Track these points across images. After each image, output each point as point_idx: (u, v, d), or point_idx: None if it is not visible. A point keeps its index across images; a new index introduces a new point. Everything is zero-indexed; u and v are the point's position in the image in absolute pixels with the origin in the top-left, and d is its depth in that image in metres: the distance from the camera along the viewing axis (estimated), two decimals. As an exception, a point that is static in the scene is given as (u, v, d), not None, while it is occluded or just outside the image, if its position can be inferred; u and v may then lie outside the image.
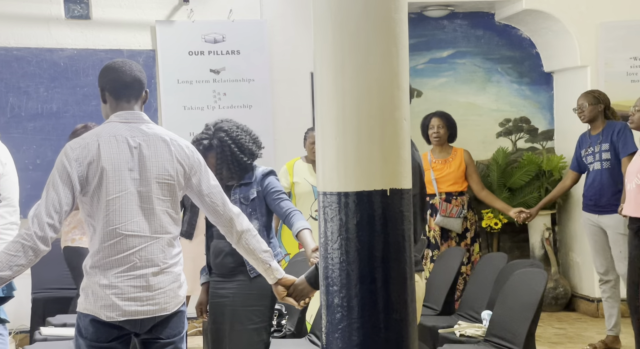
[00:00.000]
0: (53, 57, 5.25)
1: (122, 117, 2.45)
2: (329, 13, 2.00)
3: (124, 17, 5.36)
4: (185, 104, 5.43)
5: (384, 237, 1.98)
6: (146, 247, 2.39)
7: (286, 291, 2.62)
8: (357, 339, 1.98)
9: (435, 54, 6.18)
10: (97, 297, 2.35)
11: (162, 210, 2.42)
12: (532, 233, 5.97)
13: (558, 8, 5.66)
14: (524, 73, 6.24)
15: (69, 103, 5.28)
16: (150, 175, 2.40)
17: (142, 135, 2.43)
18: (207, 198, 2.51)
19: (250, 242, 2.57)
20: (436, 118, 5.17)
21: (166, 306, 2.42)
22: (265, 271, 2.61)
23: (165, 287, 2.41)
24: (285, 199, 3.10)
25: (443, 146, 5.14)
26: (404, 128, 2.02)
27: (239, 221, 2.56)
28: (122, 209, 2.36)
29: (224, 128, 3.10)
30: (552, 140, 6.25)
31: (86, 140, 2.39)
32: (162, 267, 2.41)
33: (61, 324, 4.13)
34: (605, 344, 4.72)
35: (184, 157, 2.48)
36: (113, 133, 2.41)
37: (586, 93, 4.84)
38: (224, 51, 5.48)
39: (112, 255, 2.36)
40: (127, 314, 2.36)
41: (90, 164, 2.35)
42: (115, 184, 2.36)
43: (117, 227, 2.36)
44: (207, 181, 2.52)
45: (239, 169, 3.09)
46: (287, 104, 5.50)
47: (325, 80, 2.03)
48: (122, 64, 2.49)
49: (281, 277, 2.62)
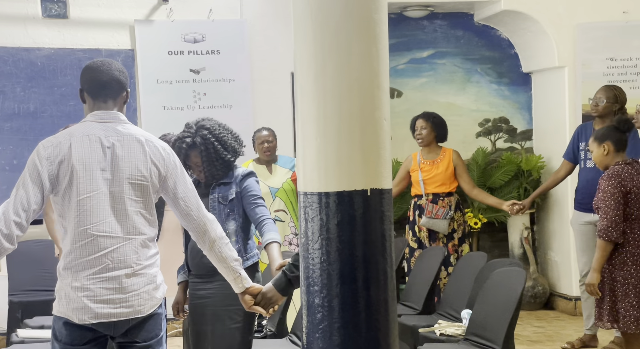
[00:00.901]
0: (30, 56, 5.19)
1: (97, 117, 2.43)
2: (309, 13, 2.00)
3: (102, 16, 5.32)
4: (165, 104, 5.40)
5: (364, 237, 1.98)
6: (118, 248, 2.36)
7: (253, 300, 2.60)
8: (338, 339, 1.98)
9: (415, 54, 6.20)
10: (70, 299, 2.33)
11: (135, 211, 2.39)
12: (511, 233, 6.01)
13: (536, 9, 5.71)
14: (503, 74, 6.29)
15: (46, 103, 5.22)
16: (123, 176, 2.38)
17: (116, 135, 2.41)
18: (181, 201, 2.48)
19: (223, 250, 2.54)
20: (420, 120, 5.15)
21: (140, 309, 2.39)
22: (234, 280, 2.59)
23: (139, 289, 2.38)
24: (261, 205, 3.08)
25: (430, 147, 5.12)
26: (384, 128, 2.03)
27: (213, 227, 2.53)
28: (93, 209, 2.33)
29: (206, 126, 3.09)
30: (530, 140, 6.31)
31: (58, 139, 2.37)
32: (136, 269, 2.38)
33: (39, 326, 4.08)
34: (582, 342, 4.76)
35: (159, 158, 2.45)
36: (86, 133, 2.38)
37: (607, 88, 4.67)
38: (203, 51, 5.45)
39: (83, 256, 2.33)
40: (99, 317, 2.33)
41: (61, 163, 2.32)
42: (86, 184, 2.33)
43: (88, 228, 2.33)
44: (183, 185, 2.49)
45: (223, 166, 3.08)
46: (267, 104, 5.49)
47: (305, 80, 2.03)
48: (101, 64, 2.47)
49: (249, 286, 2.60)
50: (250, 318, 3.07)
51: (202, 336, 3.06)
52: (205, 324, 3.05)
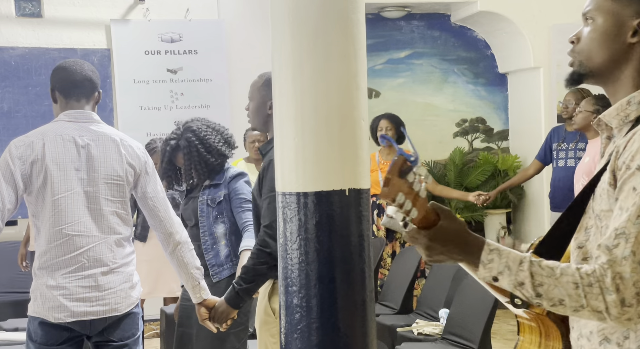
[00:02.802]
0: (3, 55, 5.12)
1: (70, 116, 2.41)
2: (287, 13, 2.00)
3: (78, 15, 5.26)
4: (142, 104, 5.35)
5: (343, 237, 1.98)
6: (94, 247, 2.35)
7: (208, 313, 2.55)
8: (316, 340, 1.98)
9: (393, 55, 6.22)
10: (45, 299, 2.31)
11: (111, 211, 2.39)
12: (488, 232, 6.06)
13: (512, 10, 5.77)
14: (480, 74, 6.34)
15: (20, 103, 5.15)
16: (98, 176, 2.37)
17: (90, 135, 2.39)
18: (150, 201, 2.48)
19: (185, 255, 2.52)
20: (385, 120, 5.20)
21: (117, 307, 2.38)
22: (192, 289, 2.56)
23: (115, 287, 2.37)
24: (247, 210, 3.02)
25: (391, 148, 5.17)
26: (362, 128, 2.03)
27: (178, 231, 2.52)
28: (68, 209, 2.32)
29: (192, 128, 3.07)
30: (507, 140, 6.36)
31: (30, 139, 2.35)
32: (112, 267, 2.37)
33: (13, 328, 4.03)
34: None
35: (134, 158, 2.45)
36: (59, 132, 2.36)
37: (576, 91, 4.48)
38: (181, 51, 5.42)
39: (59, 256, 2.32)
40: (75, 315, 2.31)
41: (34, 163, 2.30)
42: (61, 184, 2.32)
43: (63, 227, 2.32)
44: (153, 185, 2.49)
45: (206, 169, 3.05)
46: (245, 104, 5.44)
47: (283, 80, 2.02)
48: (73, 63, 2.45)
49: (206, 298, 2.57)
50: (240, 326, 2.99)
51: (185, 338, 3.04)
52: (190, 327, 3.03)
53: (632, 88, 1.30)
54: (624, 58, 1.30)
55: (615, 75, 1.32)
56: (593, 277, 1.18)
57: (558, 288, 1.20)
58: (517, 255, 1.25)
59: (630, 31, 1.30)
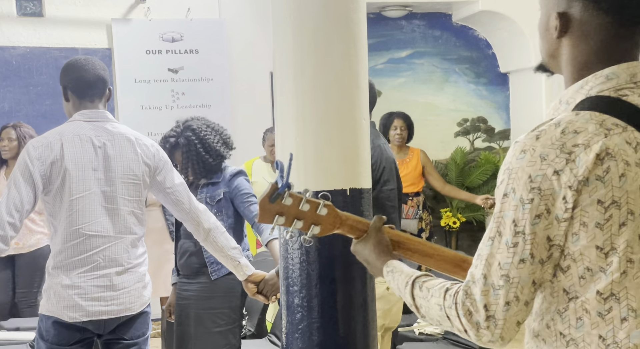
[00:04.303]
0: (5, 55, 5.12)
1: (86, 116, 2.42)
2: (288, 13, 1.99)
3: (79, 14, 5.26)
4: (143, 104, 5.35)
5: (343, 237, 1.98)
6: (110, 247, 2.36)
7: (256, 287, 2.59)
8: (317, 339, 1.98)
9: (394, 54, 6.22)
10: (60, 298, 2.32)
11: (128, 211, 2.40)
12: (489, 232, 6.05)
13: (513, 9, 5.76)
14: (481, 74, 6.33)
15: (21, 103, 5.15)
16: (115, 175, 2.38)
17: (106, 135, 2.41)
18: (172, 196, 2.50)
19: (218, 239, 2.54)
20: (399, 120, 5.19)
21: (131, 306, 2.40)
22: (235, 268, 2.60)
23: (129, 286, 2.39)
24: (254, 203, 3.01)
25: (401, 147, 5.17)
26: (364, 128, 2.03)
27: (206, 218, 2.54)
28: (85, 209, 2.33)
29: (192, 126, 3.07)
30: (508, 139, 6.36)
31: (49, 139, 2.36)
32: (127, 267, 2.39)
33: (14, 328, 4.03)
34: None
35: (149, 156, 2.46)
36: (77, 133, 2.38)
37: None
38: (182, 50, 5.42)
39: (75, 255, 2.33)
40: (90, 315, 2.33)
41: (53, 163, 2.32)
42: (79, 184, 2.33)
43: (80, 227, 2.33)
44: (171, 180, 2.51)
45: (204, 169, 3.05)
46: (246, 104, 5.47)
47: (284, 79, 2.02)
48: (85, 62, 2.45)
49: (251, 273, 2.60)
50: (235, 322, 3.03)
51: (185, 337, 3.05)
52: (188, 325, 3.03)
53: (570, 82, 1.23)
54: (557, 53, 1.24)
55: (558, 68, 1.26)
56: (452, 299, 1.18)
57: (431, 310, 1.22)
58: (405, 277, 1.31)
59: (554, 25, 1.23)
